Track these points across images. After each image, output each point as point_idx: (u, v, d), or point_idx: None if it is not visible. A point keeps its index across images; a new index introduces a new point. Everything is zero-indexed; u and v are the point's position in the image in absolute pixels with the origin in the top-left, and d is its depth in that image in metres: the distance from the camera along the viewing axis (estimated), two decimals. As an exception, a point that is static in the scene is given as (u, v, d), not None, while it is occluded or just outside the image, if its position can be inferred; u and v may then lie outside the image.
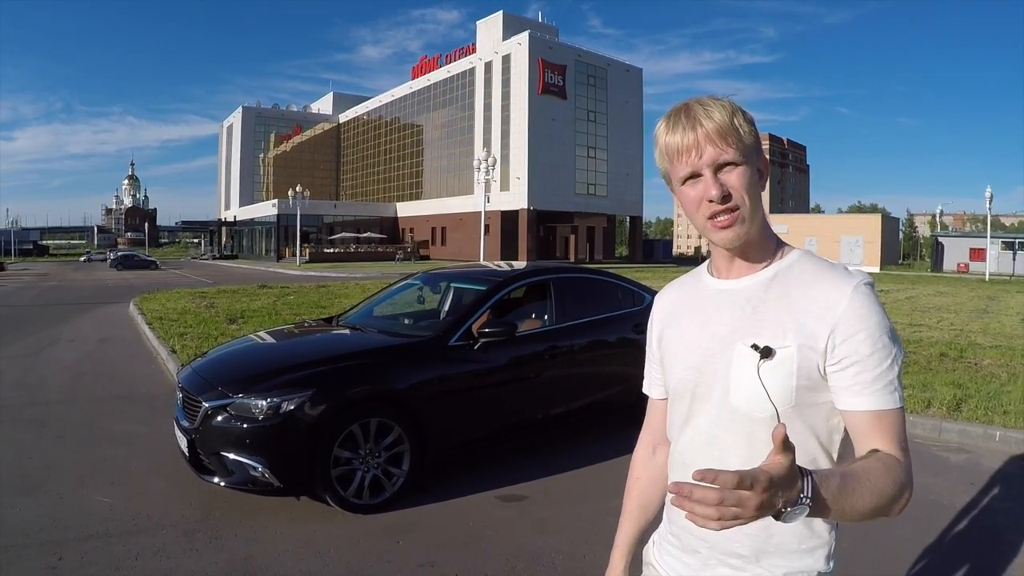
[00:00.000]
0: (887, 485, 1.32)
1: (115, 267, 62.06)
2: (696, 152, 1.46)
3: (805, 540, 1.51)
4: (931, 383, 9.26)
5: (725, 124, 1.45)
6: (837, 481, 1.24)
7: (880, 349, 1.41)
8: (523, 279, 7.26)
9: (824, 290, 1.46)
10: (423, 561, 4.55)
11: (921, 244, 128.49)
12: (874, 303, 1.43)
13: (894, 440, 1.40)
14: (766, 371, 1.45)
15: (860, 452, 1.44)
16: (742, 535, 1.48)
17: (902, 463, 1.38)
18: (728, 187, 1.46)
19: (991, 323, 17.27)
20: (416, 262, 66.47)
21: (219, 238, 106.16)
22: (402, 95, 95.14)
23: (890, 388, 1.41)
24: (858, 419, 1.43)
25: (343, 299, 20.80)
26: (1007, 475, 6.41)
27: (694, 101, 1.50)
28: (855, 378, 1.41)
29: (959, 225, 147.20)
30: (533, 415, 6.53)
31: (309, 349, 6.51)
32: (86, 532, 4.87)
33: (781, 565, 1.51)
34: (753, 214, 1.49)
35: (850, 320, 1.41)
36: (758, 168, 1.52)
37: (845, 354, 1.41)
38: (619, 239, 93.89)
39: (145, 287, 31.19)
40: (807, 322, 1.44)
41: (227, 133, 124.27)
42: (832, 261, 1.56)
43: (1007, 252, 57.47)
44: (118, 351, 13.17)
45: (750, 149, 1.48)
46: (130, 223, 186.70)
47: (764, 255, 1.57)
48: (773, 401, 1.45)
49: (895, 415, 1.42)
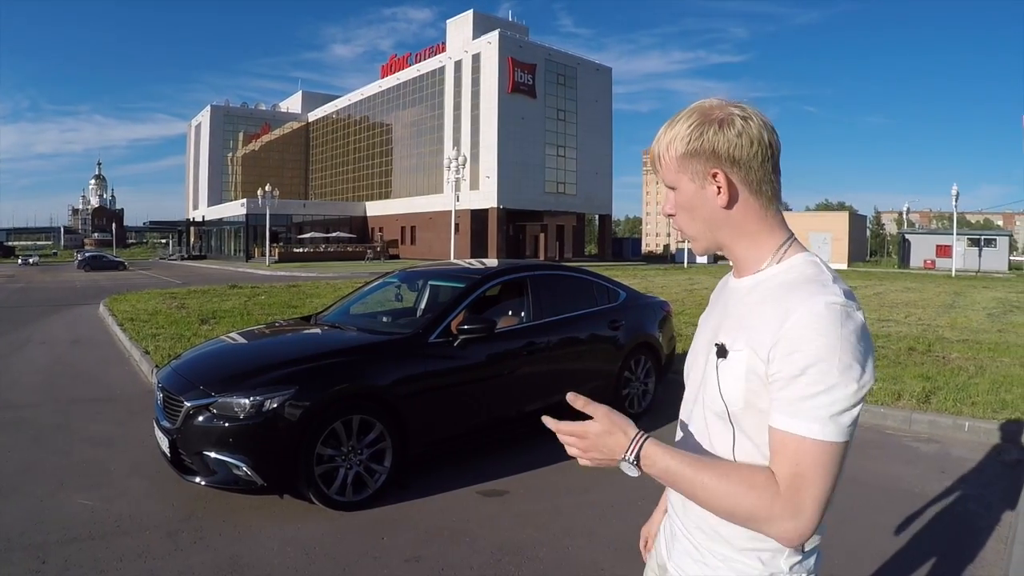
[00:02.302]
0: (737, 496, 1.36)
1: (83, 268, 61.24)
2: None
3: (752, 540, 1.49)
4: (901, 376, 9.43)
5: (661, 147, 1.55)
6: (672, 463, 1.42)
7: (816, 374, 1.32)
8: (501, 276, 7.31)
9: (786, 301, 1.40)
10: (409, 556, 4.59)
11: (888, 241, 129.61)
12: (831, 325, 1.33)
13: (790, 469, 1.34)
14: (722, 370, 1.50)
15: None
16: (699, 519, 1.58)
17: (777, 491, 1.34)
18: (674, 207, 1.58)
19: (958, 318, 17.51)
20: (386, 261, 66.19)
21: (187, 238, 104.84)
22: (371, 94, 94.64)
23: (814, 415, 1.32)
24: (772, 438, 1.39)
25: (315, 299, 20.72)
26: (976, 464, 6.57)
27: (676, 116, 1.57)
28: (779, 393, 1.37)
29: (926, 223, 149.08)
30: (512, 410, 6.59)
31: (290, 348, 6.52)
32: (68, 535, 4.85)
33: (725, 555, 1.54)
34: (705, 232, 1.57)
35: (792, 337, 1.35)
36: (712, 181, 1.51)
37: (779, 368, 1.36)
38: (589, 237, 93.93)
39: (114, 288, 30.82)
40: (759, 331, 1.42)
41: (195, 132, 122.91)
42: (823, 272, 1.48)
43: (973, 249, 58.16)
44: (91, 353, 13.04)
45: (684, 171, 1.53)
46: (97, 223, 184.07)
47: (760, 258, 1.55)
48: (724, 399, 1.49)
49: (807, 445, 1.33)
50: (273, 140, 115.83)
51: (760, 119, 1.50)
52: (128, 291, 26.40)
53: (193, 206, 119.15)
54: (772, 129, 1.52)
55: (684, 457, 1.42)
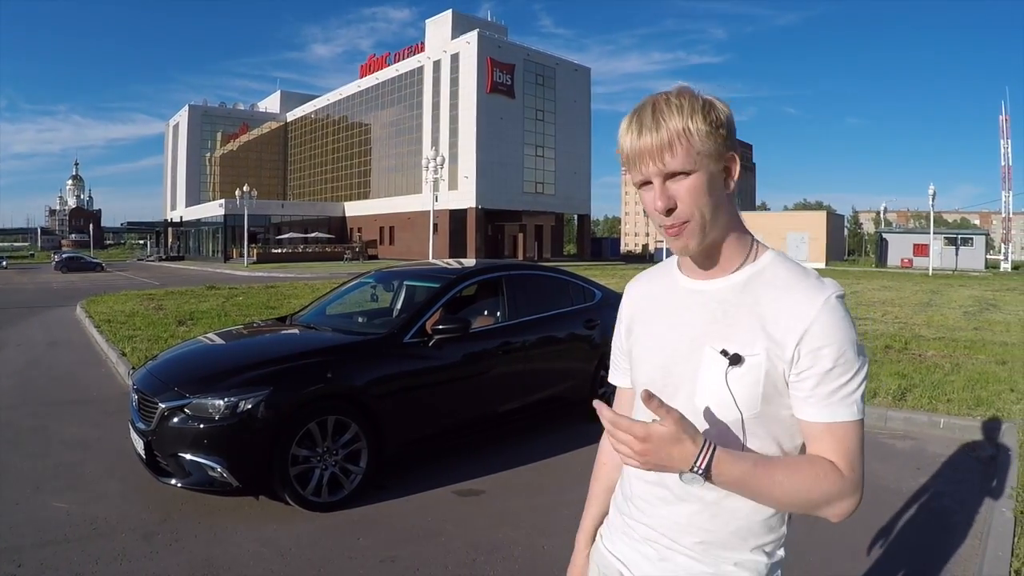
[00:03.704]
0: (806, 485, 1.40)
1: (60, 269, 60.71)
2: (644, 161, 1.42)
3: (761, 536, 1.53)
4: (877, 374, 9.53)
5: (675, 132, 1.39)
6: (746, 466, 1.38)
7: (843, 364, 1.40)
8: (476, 276, 7.35)
9: (796, 300, 1.43)
10: (384, 556, 4.62)
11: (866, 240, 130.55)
12: (843, 317, 1.42)
13: (842, 451, 1.41)
14: (734, 377, 1.45)
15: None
16: (698, 529, 1.53)
17: (842, 474, 1.40)
18: (676, 198, 1.42)
19: (934, 316, 17.70)
20: (365, 262, 66.04)
21: (165, 239, 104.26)
22: (350, 94, 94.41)
23: (848, 402, 1.41)
24: (813, 430, 1.44)
25: (293, 299, 20.66)
26: (951, 460, 6.67)
27: (651, 102, 1.44)
28: (814, 390, 1.41)
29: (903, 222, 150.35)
30: (488, 410, 6.62)
31: (264, 348, 6.52)
32: (44, 538, 4.84)
33: (735, 558, 1.53)
34: (708, 222, 1.45)
35: (817, 333, 1.40)
36: (725, 167, 1.46)
37: (808, 365, 1.40)
38: (567, 237, 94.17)
39: (92, 289, 30.54)
40: (776, 331, 1.43)
41: (173, 132, 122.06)
42: (804, 267, 1.53)
43: (949, 248, 58.68)
44: (67, 355, 12.95)
45: (708, 153, 1.41)
46: (74, 224, 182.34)
47: (734, 257, 1.54)
48: (739, 407, 1.46)
49: (849, 428, 1.42)
50: (251, 140, 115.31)
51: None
52: (105, 292, 26.19)
53: (171, 207, 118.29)
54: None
55: (749, 459, 1.40)
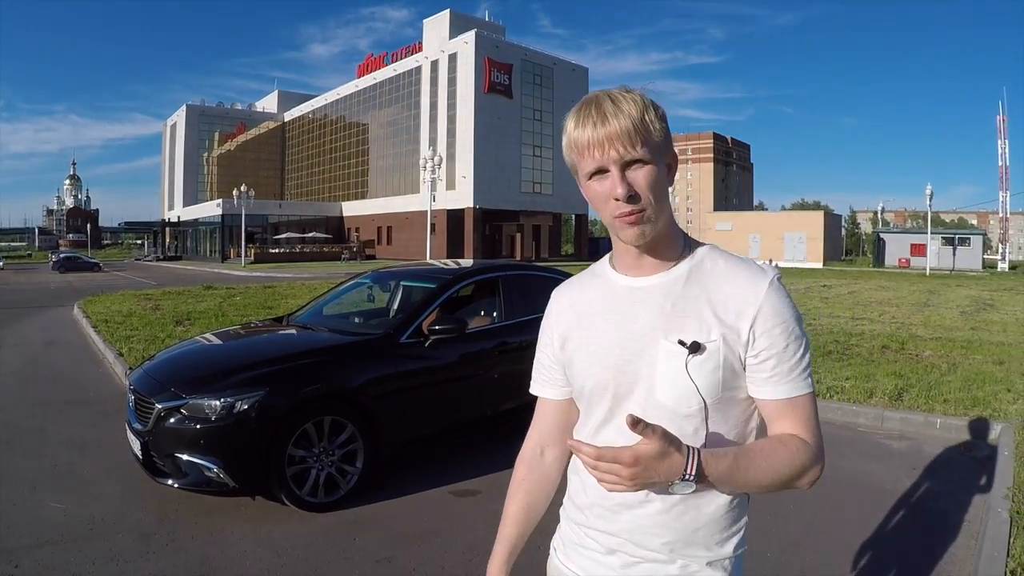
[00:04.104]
0: (785, 463, 1.45)
1: (57, 269, 60.66)
2: (604, 148, 1.44)
3: (726, 529, 1.56)
4: (873, 374, 9.57)
5: (635, 121, 1.42)
6: (729, 460, 1.42)
7: (794, 340, 1.48)
8: (472, 277, 7.35)
9: (742, 285, 1.50)
10: (380, 556, 4.63)
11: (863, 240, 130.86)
12: (787, 296, 1.51)
13: (805, 423, 1.50)
14: (694, 366, 1.47)
15: (772, 432, 1.53)
16: (664, 529, 1.53)
17: (808, 443, 1.49)
18: (635, 186, 1.44)
19: (931, 316, 17.75)
20: (362, 262, 66.02)
21: (163, 239, 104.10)
22: (348, 94, 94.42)
23: (804, 375, 1.50)
24: (773, 407, 1.51)
25: (290, 299, 20.67)
26: (948, 460, 6.69)
27: (604, 94, 1.47)
28: (774, 369, 1.48)
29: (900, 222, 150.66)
30: (484, 410, 6.63)
31: (261, 349, 6.52)
32: (41, 539, 4.84)
33: (704, 555, 1.54)
34: (660, 212, 1.48)
35: (768, 314, 1.47)
36: (667, 163, 1.52)
37: (764, 346, 1.47)
38: (565, 237, 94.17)
39: (89, 289, 30.52)
40: (727, 316, 1.48)
41: (171, 132, 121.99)
42: (740, 256, 1.61)
43: (947, 247, 58.79)
44: (64, 355, 12.96)
45: (659, 146, 1.46)
46: (72, 224, 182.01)
47: (673, 251, 1.58)
48: (702, 394, 1.48)
49: (807, 400, 1.51)
50: (249, 140, 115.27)
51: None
52: (103, 292, 26.19)
53: (168, 207, 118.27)
54: None
55: (730, 453, 1.44)
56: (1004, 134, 62.19)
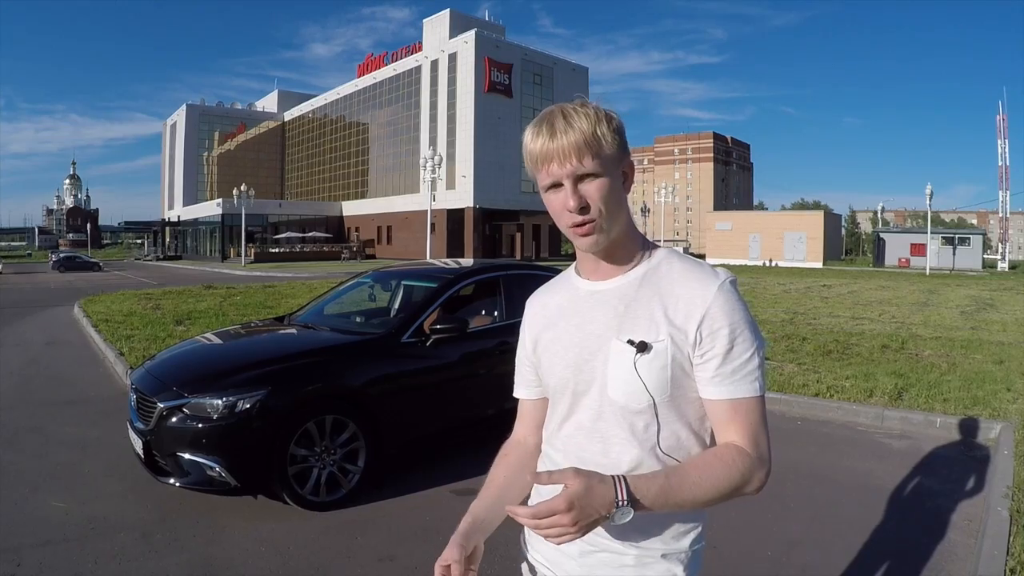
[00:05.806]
0: (722, 477, 1.48)
1: (57, 269, 60.70)
2: (556, 163, 1.51)
3: (682, 525, 1.61)
4: (873, 373, 9.58)
5: (586, 136, 1.50)
6: (660, 481, 1.45)
7: (741, 342, 1.52)
8: (473, 276, 7.35)
9: (692, 287, 1.56)
10: (383, 555, 4.64)
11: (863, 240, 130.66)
12: (738, 300, 1.55)
13: (748, 427, 1.54)
14: (642, 364, 1.54)
15: (718, 439, 1.58)
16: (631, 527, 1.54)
17: (745, 451, 1.52)
18: (587, 198, 1.52)
19: (931, 315, 17.76)
20: (362, 261, 66.13)
21: (163, 239, 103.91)
22: (348, 93, 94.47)
23: (749, 379, 1.53)
24: (717, 407, 1.55)
25: (290, 299, 20.67)
26: (947, 459, 6.69)
27: (559, 109, 1.54)
28: (717, 370, 1.53)
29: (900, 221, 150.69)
30: (485, 410, 6.62)
31: (263, 348, 6.53)
32: (43, 538, 4.85)
33: (659, 548, 1.59)
34: (613, 221, 1.56)
35: (715, 315, 1.52)
36: (623, 171, 1.60)
37: (710, 346, 1.52)
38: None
39: (89, 289, 30.55)
40: (676, 317, 1.54)
41: (171, 131, 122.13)
42: (697, 260, 1.67)
43: (947, 247, 58.70)
44: (65, 354, 12.96)
45: (612, 158, 1.54)
46: (72, 224, 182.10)
47: (631, 256, 1.66)
48: (651, 392, 1.54)
49: (752, 404, 1.54)
50: (249, 139, 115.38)
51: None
52: (103, 292, 26.20)
53: (168, 206, 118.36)
54: None
55: (660, 473, 1.48)
56: (1004, 134, 62.12)
